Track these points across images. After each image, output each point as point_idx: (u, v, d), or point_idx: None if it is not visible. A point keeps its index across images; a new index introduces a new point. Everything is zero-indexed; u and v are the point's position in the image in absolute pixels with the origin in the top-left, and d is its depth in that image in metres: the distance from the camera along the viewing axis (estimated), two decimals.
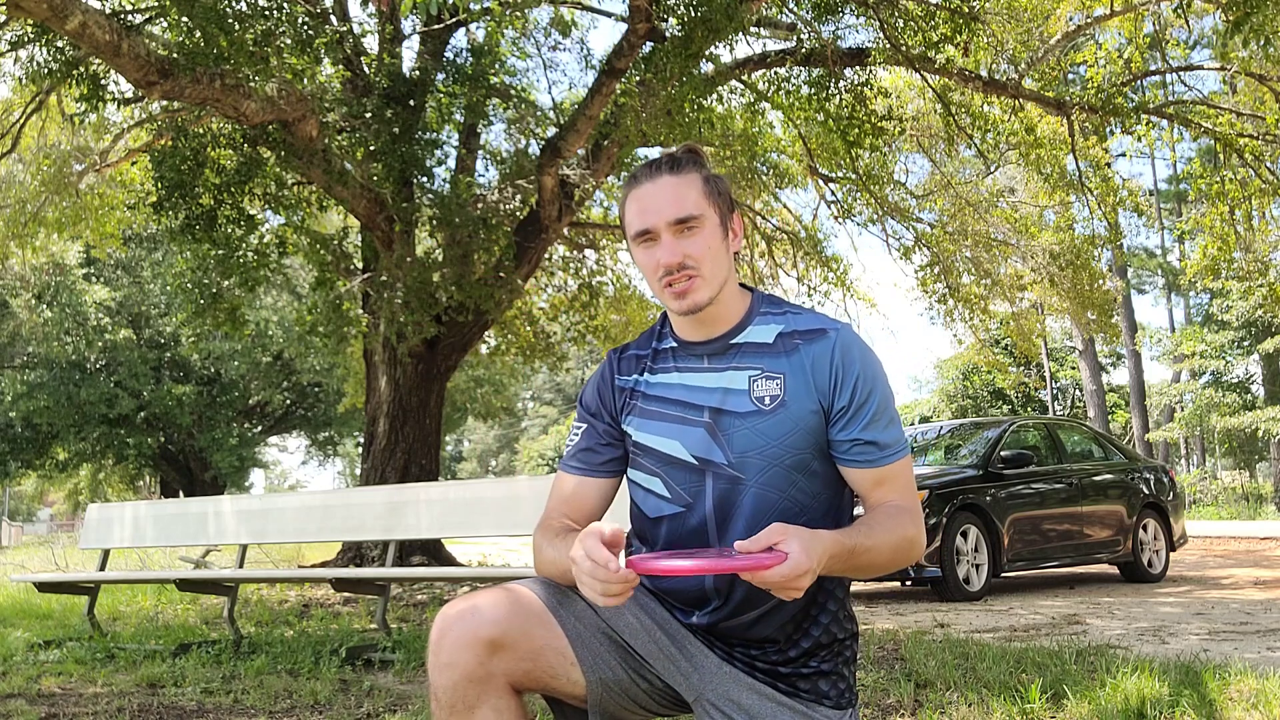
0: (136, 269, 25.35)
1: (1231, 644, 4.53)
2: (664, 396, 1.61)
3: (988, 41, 9.23)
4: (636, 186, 1.57)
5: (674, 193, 1.54)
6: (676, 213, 1.53)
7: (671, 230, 1.53)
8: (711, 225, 1.55)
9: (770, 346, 1.57)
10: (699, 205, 1.54)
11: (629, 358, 1.69)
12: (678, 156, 1.59)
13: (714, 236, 1.55)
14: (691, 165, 1.57)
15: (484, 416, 24.94)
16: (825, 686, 1.57)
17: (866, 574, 1.54)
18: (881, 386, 1.56)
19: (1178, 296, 33.61)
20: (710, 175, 1.59)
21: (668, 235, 1.53)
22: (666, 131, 8.00)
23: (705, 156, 1.63)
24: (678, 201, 1.53)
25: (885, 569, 1.53)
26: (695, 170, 1.57)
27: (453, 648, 1.41)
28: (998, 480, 7.49)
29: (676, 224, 1.53)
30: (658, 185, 1.55)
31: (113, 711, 3.57)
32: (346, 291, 9.99)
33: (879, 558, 1.49)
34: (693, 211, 1.53)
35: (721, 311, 1.59)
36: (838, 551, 1.40)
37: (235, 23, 7.15)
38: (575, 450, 1.68)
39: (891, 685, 3.51)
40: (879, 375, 1.56)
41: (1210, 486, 25.26)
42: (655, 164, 1.58)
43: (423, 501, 5.11)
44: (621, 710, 1.56)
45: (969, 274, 13.07)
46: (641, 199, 1.56)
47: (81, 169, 11.15)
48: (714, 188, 1.58)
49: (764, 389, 1.54)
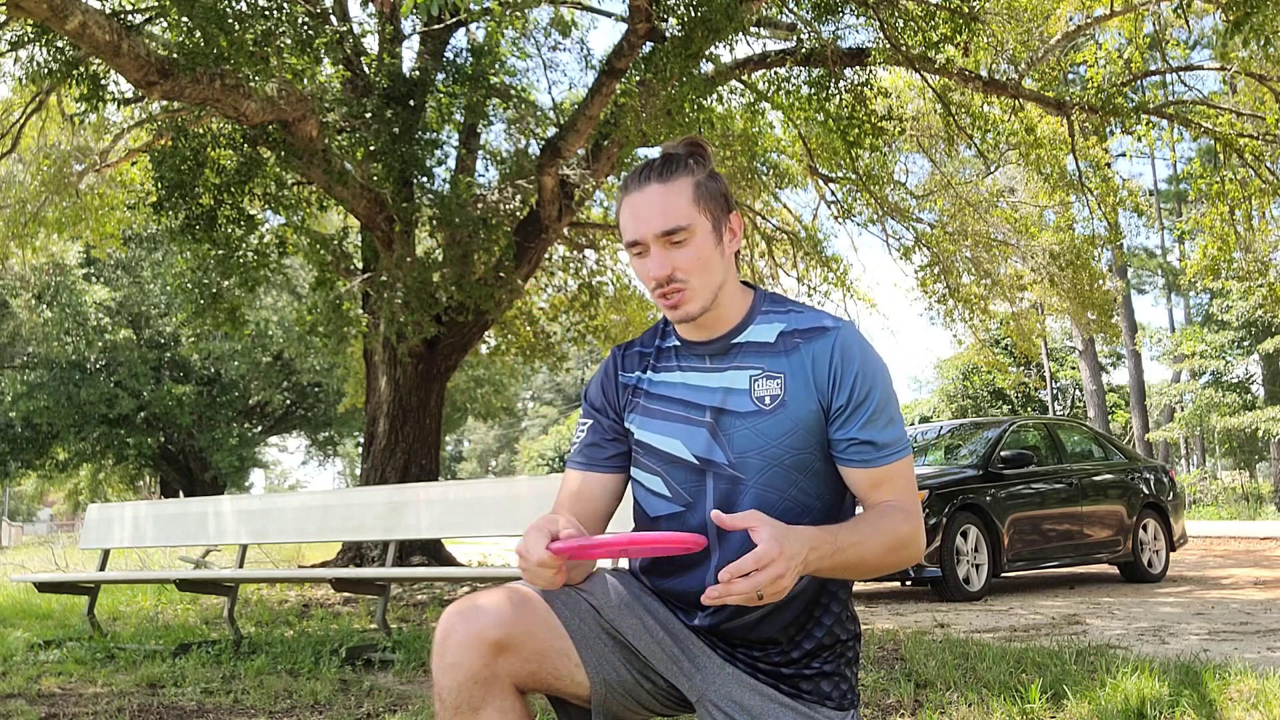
0: (136, 269, 25.35)
1: (1231, 644, 4.53)
2: (666, 395, 1.61)
3: (988, 41, 9.23)
4: (627, 194, 1.56)
5: (662, 203, 1.52)
6: (663, 225, 1.51)
7: (660, 242, 1.52)
8: (703, 233, 1.53)
9: (771, 346, 1.56)
10: (688, 215, 1.52)
11: (633, 354, 1.69)
12: (673, 158, 1.56)
13: (705, 245, 1.53)
14: (682, 170, 1.55)
15: (484, 416, 24.94)
16: (827, 688, 1.57)
17: (860, 573, 1.51)
18: (881, 385, 1.54)
19: (1178, 296, 33.63)
20: (702, 180, 1.55)
21: (656, 247, 1.52)
22: (666, 131, 7.99)
23: (706, 152, 1.61)
24: (665, 213, 1.51)
25: (880, 569, 1.50)
26: (686, 175, 1.54)
27: (458, 648, 1.40)
28: (998, 480, 7.49)
29: (664, 236, 1.51)
30: (646, 195, 1.53)
31: (113, 711, 3.57)
32: (346, 291, 9.99)
33: (871, 556, 1.46)
34: (680, 223, 1.51)
35: (721, 314, 1.58)
36: (820, 546, 1.38)
37: (235, 23, 7.15)
38: (581, 446, 1.67)
39: (891, 685, 3.51)
40: (879, 374, 1.54)
41: (1210, 486, 25.26)
42: (646, 169, 1.56)
43: (423, 501, 5.11)
44: (625, 710, 1.56)
45: (969, 274, 13.08)
46: (632, 208, 1.55)
47: (81, 169, 11.15)
48: (705, 192, 1.55)
49: (764, 389, 1.54)
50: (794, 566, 1.32)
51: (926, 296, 12.66)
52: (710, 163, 1.60)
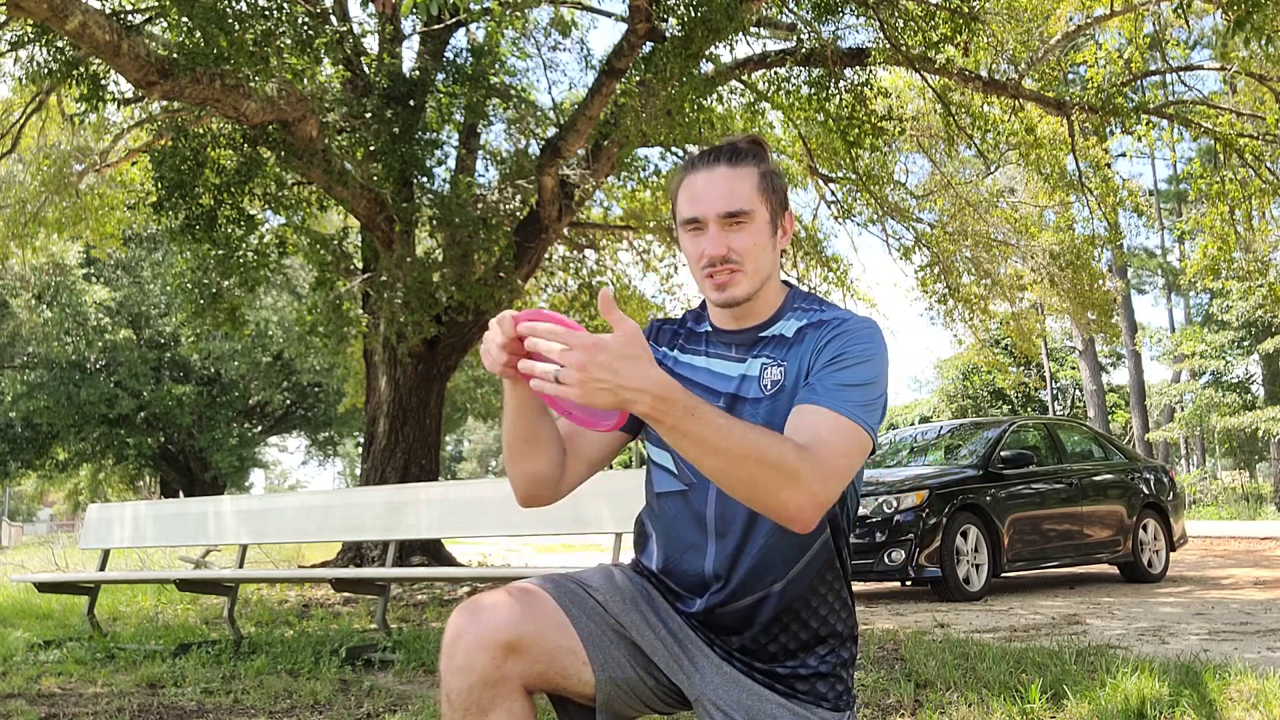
0: (136, 269, 25.36)
1: (1231, 644, 4.53)
2: (688, 377, 1.61)
3: (988, 41, 9.23)
4: (692, 173, 1.57)
5: (728, 185, 1.53)
6: (727, 206, 1.52)
7: (720, 223, 1.53)
8: (761, 222, 1.54)
9: (789, 340, 1.57)
10: (751, 200, 1.53)
11: (668, 330, 1.70)
12: (740, 147, 1.57)
13: (762, 233, 1.55)
14: (750, 159, 1.56)
15: (484, 416, 24.93)
16: (823, 688, 1.56)
17: (712, 465, 1.31)
18: (871, 366, 1.48)
19: (1178, 296, 33.63)
20: (768, 171, 1.57)
21: (715, 227, 1.53)
22: (666, 131, 8.00)
23: (768, 150, 1.62)
24: (730, 195, 1.52)
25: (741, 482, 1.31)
26: (753, 164, 1.56)
27: (468, 650, 1.39)
28: (998, 480, 7.49)
29: (726, 217, 1.52)
30: (713, 175, 1.54)
31: (113, 711, 3.57)
32: (346, 291, 9.99)
33: (734, 453, 1.29)
34: (744, 206, 1.52)
35: (758, 307, 1.59)
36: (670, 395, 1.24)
37: (235, 23, 7.14)
38: None
39: (891, 685, 3.51)
40: (873, 357, 1.49)
41: (1210, 486, 25.27)
42: (715, 152, 1.57)
43: (423, 501, 5.11)
44: (628, 709, 1.55)
45: (969, 274, 13.07)
46: (694, 186, 1.55)
47: (81, 169, 11.15)
48: (769, 184, 1.56)
49: (769, 375, 1.55)
50: (601, 376, 1.20)
51: (926, 296, 12.65)
52: (771, 162, 1.61)
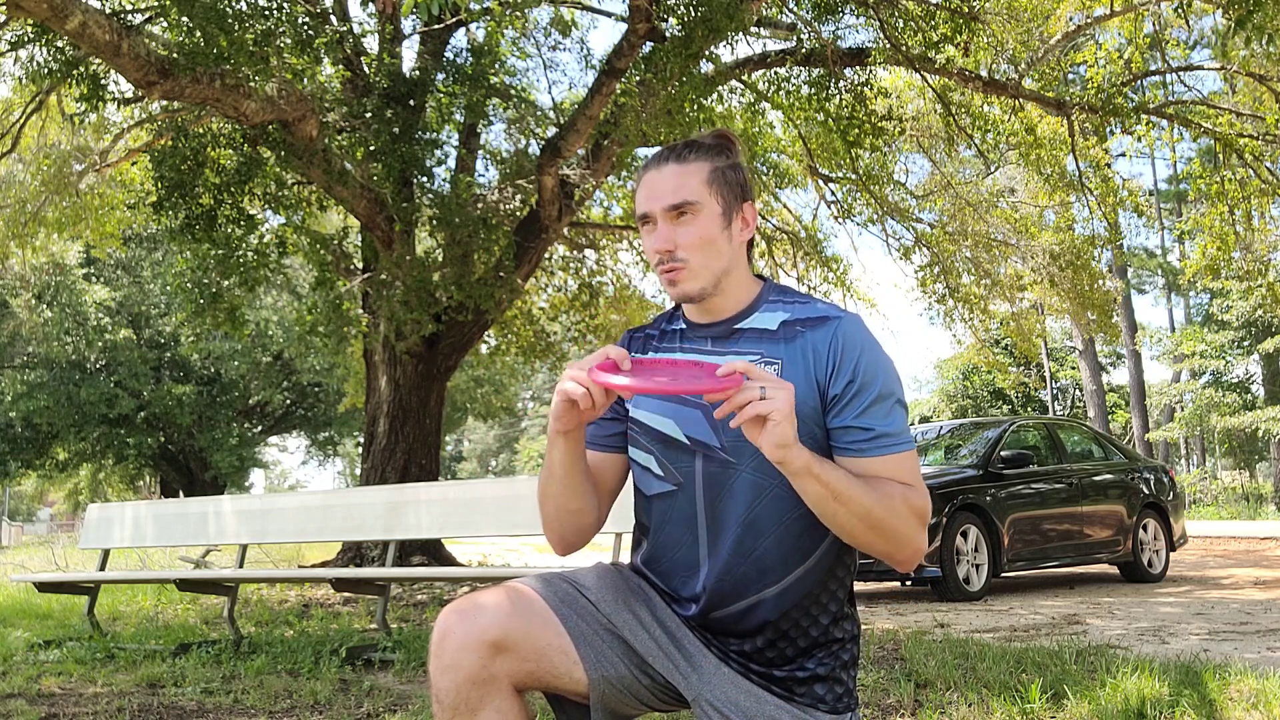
0: (136, 269, 25.36)
1: (1231, 644, 4.53)
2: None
3: (988, 41, 9.23)
4: (645, 173, 1.61)
5: (675, 180, 1.56)
6: (671, 199, 1.55)
7: (666, 216, 1.55)
8: (710, 214, 1.55)
9: (773, 333, 1.56)
10: (697, 193, 1.55)
11: (640, 337, 1.72)
12: (697, 143, 1.60)
13: (710, 226, 1.55)
14: (704, 153, 1.58)
15: (484, 416, 24.97)
16: (821, 690, 1.54)
17: (850, 516, 1.42)
18: (884, 377, 1.51)
19: (1178, 296, 33.62)
20: (721, 166, 1.58)
21: (663, 222, 1.56)
22: (666, 131, 7.99)
23: (733, 145, 1.63)
24: (676, 189, 1.55)
25: (863, 536, 1.44)
26: (704, 159, 1.58)
27: (455, 649, 1.40)
28: (998, 480, 7.49)
29: (671, 210, 1.55)
30: (661, 172, 1.58)
31: (113, 711, 3.57)
32: (346, 291, 9.99)
33: (856, 513, 1.41)
34: (688, 198, 1.54)
35: (725, 300, 1.59)
36: (814, 465, 1.37)
37: (235, 23, 7.14)
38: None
39: (891, 685, 3.51)
40: (882, 365, 1.52)
41: (1210, 486, 25.27)
42: (670, 149, 1.60)
43: (423, 501, 5.11)
44: (623, 706, 1.55)
45: (969, 274, 13.08)
46: (646, 184, 1.59)
47: (81, 169, 11.15)
48: (720, 177, 1.58)
49: None
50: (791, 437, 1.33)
51: (926, 296, 12.65)
52: (736, 155, 1.63)
